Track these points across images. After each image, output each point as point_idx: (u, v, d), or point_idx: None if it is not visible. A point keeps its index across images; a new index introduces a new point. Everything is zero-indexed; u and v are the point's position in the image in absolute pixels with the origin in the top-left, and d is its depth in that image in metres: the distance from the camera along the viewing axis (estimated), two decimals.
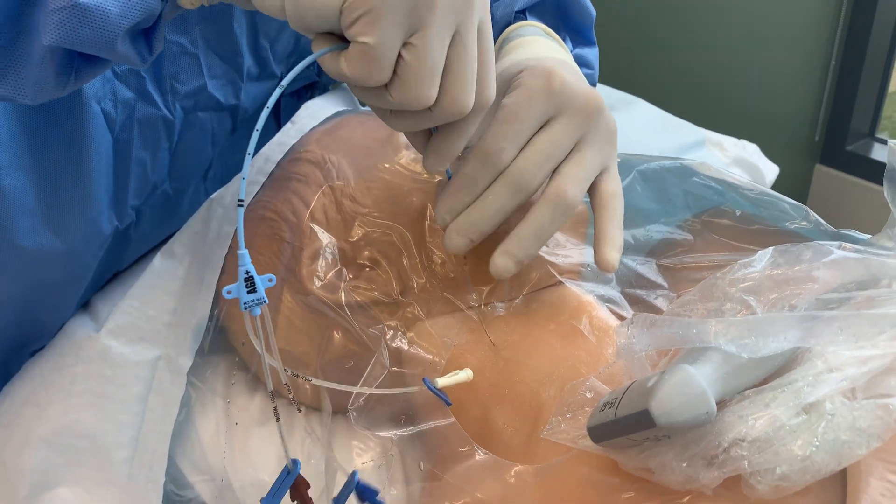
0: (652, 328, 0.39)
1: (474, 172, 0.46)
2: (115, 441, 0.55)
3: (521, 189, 0.46)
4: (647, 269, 0.56)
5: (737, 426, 0.36)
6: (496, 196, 0.46)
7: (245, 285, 0.38)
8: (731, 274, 0.42)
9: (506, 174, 0.46)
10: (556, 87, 0.46)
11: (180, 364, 0.55)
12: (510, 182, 0.46)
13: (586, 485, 0.42)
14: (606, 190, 0.49)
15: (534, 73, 0.47)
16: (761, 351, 0.37)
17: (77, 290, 0.58)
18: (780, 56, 1.82)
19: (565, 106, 0.46)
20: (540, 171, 0.46)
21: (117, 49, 0.37)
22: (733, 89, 1.78)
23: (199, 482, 0.55)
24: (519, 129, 0.46)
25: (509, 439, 0.48)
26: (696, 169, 0.62)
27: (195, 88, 0.57)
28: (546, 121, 0.47)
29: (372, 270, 0.52)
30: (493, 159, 0.46)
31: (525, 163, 0.46)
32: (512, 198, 0.46)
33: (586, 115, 0.47)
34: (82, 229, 0.52)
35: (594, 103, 0.47)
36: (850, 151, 1.97)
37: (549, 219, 0.46)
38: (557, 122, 0.47)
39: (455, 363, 0.51)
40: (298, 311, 0.52)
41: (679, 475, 0.37)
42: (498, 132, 0.46)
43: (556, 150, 0.46)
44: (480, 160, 0.46)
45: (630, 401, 0.37)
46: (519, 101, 0.46)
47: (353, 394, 0.50)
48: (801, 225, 0.57)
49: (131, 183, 0.55)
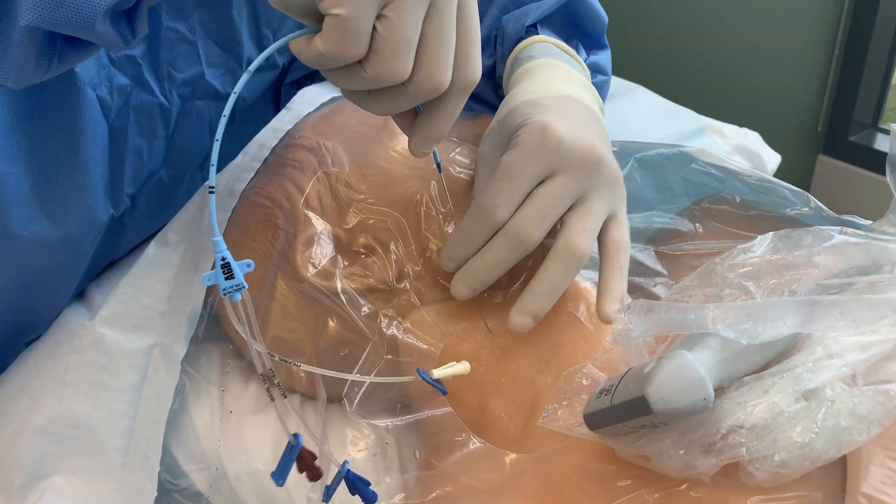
0: (649, 314, 0.39)
1: (471, 226, 0.48)
2: (110, 430, 0.54)
3: (519, 245, 0.47)
4: (645, 257, 0.55)
5: (735, 413, 0.36)
6: (494, 252, 0.47)
7: (222, 272, 0.38)
8: (730, 259, 0.41)
9: (504, 231, 0.47)
10: (551, 145, 0.47)
11: (174, 352, 0.54)
12: (508, 238, 0.47)
13: (583, 473, 0.42)
14: (612, 239, 0.49)
15: (530, 130, 0.47)
16: (760, 337, 0.36)
17: (73, 278, 0.57)
18: (783, 45, 1.80)
19: (562, 164, 0.47)
20: (538, 227, 0.47)
21: (97, 29, 0.37)
22: (735, 78, 1.77)
23: (194, 471, 0.55)
24: (514, 188, 0.46)
25: (505, 427, 0.48)
26: (695, 156, 0.62)
27: (192, 76, 0.56)
28: (545, 177, 0.47)
29: (367, 257, 0.52)
30: (489, 215, 0.47)
31: (522, 220, 0.47)
32: (510, 253, 0.47)
33: (585, 171, 0.47)
34: (78, 217, 0.52)
35: (593, 158, 0.47)
36: (852, 142, 1.95)
37: (563, 274, 0.47)
38: (557, 178, 0.47)
39: (451, 351, 0.50)
40: (293, 299, 0.52)
41: (676, 462, 0.37)
42: (494, 188, 0.47)
43: (555, 205, 0.47)
44: (477, 214, 0.47)
45: (627, 387, 0.37)
46: (515, 159, 0.47)
47: (348, 382, 0.49)
48: (801, 211, 0.56)
49: (127, 170, 0.55)
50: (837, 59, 1.88)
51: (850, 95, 1.89)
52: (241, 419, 0.54)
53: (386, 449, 0.51)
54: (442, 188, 0.52)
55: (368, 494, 0.44)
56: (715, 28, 1.68)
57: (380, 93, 0.41)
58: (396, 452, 0.52)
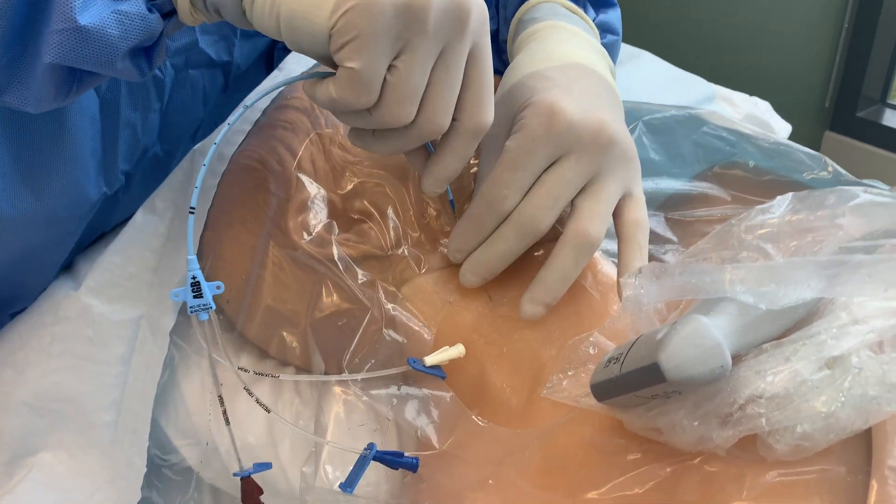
0: (661, 278, 0.36)
1: (480, 215, 0.46)
2: (98, 404, 0.53)
3: (528, 232, 0.45)
4: (655, 223, 0.53)
5: (754, 382, 0.33)
6: (504, 240, 0.46)
7: (192, 290, 0.40)
8: (748, 220, 0.38)
9: (513, 219, 0.45)
10: (560, 127, 0.44)
11: (163, 323, 0.53)
12: (517, 227, 0.45)
13: (589, 447, 0.40)
14: (629, 219, 0.47)
15: (536, 111, 0.45)
16: (781, 301, 0.34)
17: (61, 254, 0.55)
18: (791, 18, 1.77)
19: (572, 145, 0.44)
20: (549, 214, 0.45)
21: (117, 67, 0.39)
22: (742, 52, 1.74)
23: (185, 446, 0.53)
24: (521, 176, 0.45)
25: (507, 400, 0.46)
26: (706, 119, 0.59)
27: (186, 44, 0.55)
28: (554, 160, 0.45)
29: (363, 223, 0.49)
30: (497, 204, 0.45)
31: (531, 208, 0.45)
32: (520, 241, 0.46)
33: (596, 151, 0.45)
34: (66, 194, 0.50)
35: (605, 138, 0.45)
36: (860, 118, 1.93)
37: (573, 262, 0.45)
38: (566, 161, 0.45)
39: (451, 321, 0.48)
40: (286, 267, 0.49)
41: (690, 435, 0.35)
42: (500, 178, 0.45)
43: (565, 190, 0.45)
44: (485, 203, 0.46)
45: (637, 354, 0.34)
46: (521, 144, 0.45)
47: (346, 354, 0.47)
48: (818, 175, 0.53)
49: (121, 146, 0.53)
50: (846, 33, 1.85)
51: (859, 70, 1.87)
52: (233, 393, 0.51)
53: (387, 425, 0.49)
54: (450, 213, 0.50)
55: (408, 462, 0.44)
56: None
57: (384, 133, 0.42)
58: (396, 430, 0.50)
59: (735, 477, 0.34)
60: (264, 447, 0.50)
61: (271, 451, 0.50)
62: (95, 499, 0.54)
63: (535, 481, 0.40)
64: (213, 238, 0.52)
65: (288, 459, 0.49)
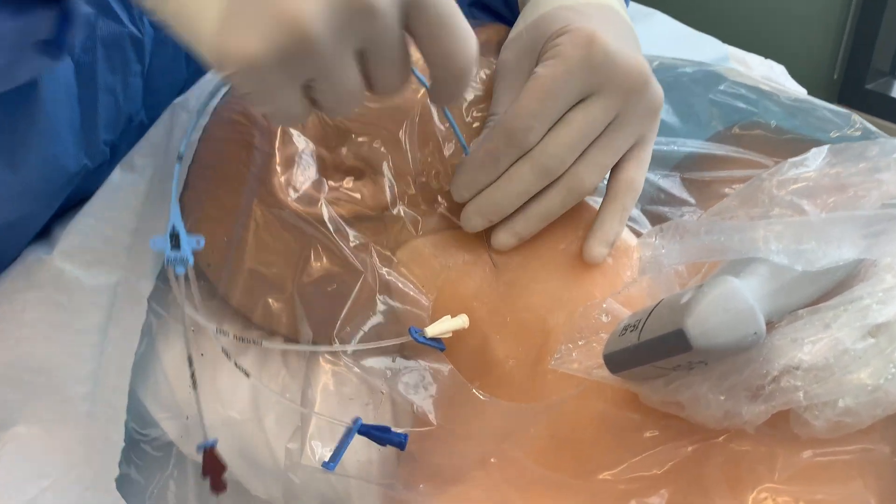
0: (685, 237, 0.33)
1: (497, 151, 0.42)
2: (73, 375, 0.50)
3: (548, 174, 0.42)
4: (671, 184, 0.49)
5: (789, 351, 0.30)
6: (520, 180, 0.42)
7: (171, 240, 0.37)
8: (780, 175, 0.35)
9: (534, 157, 0.42)
10: (598, 60, 0.40)
11: (140, 289, 0.49)
12: (538, 167, 0.42)
13: (601, 423, 0.36)
14: (624, 176, 0.44)
15: (575, 39, 0.41)
16: (819, 262, 0.30)
17: (37, 226, 0.52)
18: None
19: (606, 82, 0.41)
20: (571, 156, 0.42)
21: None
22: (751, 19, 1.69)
23: (165, 420, 0.50)
24: (551, 107, 0.41)
25: (511, 372, 0.42)
26: (724, 75, 0.55)
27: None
28: (584, 96, 0.41)
29: (356, 180, 0.45)
30: (519, 139, 0.41)
31: (557, 147, 0.41)
32: (537, 182, 0.42)
33: (628, 94, 0.42)
34: (41, 167, 0.47)
35: (641, 78, 0.42)
36: (869, 90, 1.91)
37: (560, 205, 0.43)
38: (596, 100, 0.41)
39: (450, 287, 0.45)
40: (271, 228, 0.46)
41: (716, 410, 0.31)
42: (527, 108, 0.41)
43: (591, 133, 0.42)
44: (505, 138, 0.41)
45: (659, 321, 0.31)
46: (555, 74, 0.41)
47: (337, 322, 0.44)
48: (846, 134, 0.50)
49: (101, 114, 0.49)
50: (856, 5, 1.82)
51: (868, 42, 1.85)
52: (215, 364, 0.48)
53: (380, 399, 0.46)
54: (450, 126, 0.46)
55: (395, 438, 0.40)
56: None
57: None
58: (391, 404, 0.46)
59: (765, 457, 0.31)
60: (248, 422, 0.47)
61: (256, 425, 0.47)
62: (71, 476, 0.51)
63: (540, 460, 0.37)
64: (193, 197, 0.48)
65: (274, 434, 0.46)
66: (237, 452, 0.48)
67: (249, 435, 0.47)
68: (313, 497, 0.45)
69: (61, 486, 0.50)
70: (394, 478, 0.43)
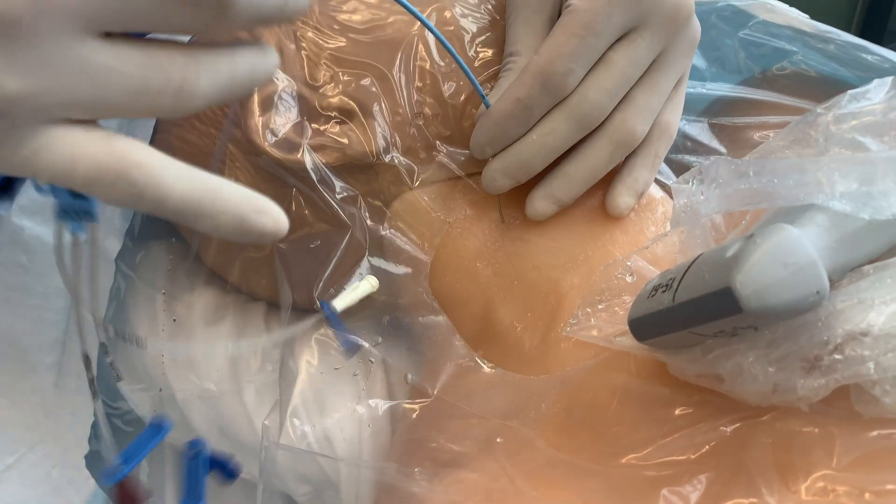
0: (728, 180, 0.28)
1: (531, 99, 0.36)
2: (37, 343, 0.47)
3: (587, 125, 0.37)
4: (698, 131, 0.44)
5: (855, 315, 0.25)
6: (556, 133, 0.37)
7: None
8: (838, 109, 0.30)
9: (570, 104, 0.36)
10: None
11: (106, 248, 0.45)
12: (575, 117, 0.36)
13: (624, 397, 0.32)
14: (658, 121, 0.39)
15: None
16: (891, 209, 0.25)
17: None
18: None
19: (650, 15, 0.36)
20: (613, 102, 0.37)
21: None
22: None
23: (136, 391, 0.46)
24: (593, 46, 0.36)
25: (519, 339, 0.37)
26: (754, 13, 0.49)
27: None
28: (624, 32, 0.36)
29: (342, 124, 0.40)
30: (557, 83, 0.36)
31: (597, 93, 0.36)
32: (574, 135, 0.37)
33: (672, 29, 0.37)
34: None
35: (685, 12, 0.37)
36: None
37: (608, 159, 0.38)
38: (639, 37, 0.37)
39: (451, 245, 0.40)
40: (248, 177, 0.41)
41: (763, 384, 0.26)
42: (564, 48, 0.35)
43: (633, 74, 0.37)
44: (540, 83, 0.36)
45: (698, 278, 0.26)
46: (595, 6, 0.35)
47: (319, 283, 0.39)
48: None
49: None
50: None
51: (886, 2, 1.77)
52: (189, 331, 0.44)
53: (370, 368, 0.41)
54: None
55: (228, 472, 0.36)
56: None
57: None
58: (383, 374, 0.42)
59: (821, 439, 0.26)
60: (227, 395, 0.43)
61: (235, 398, 0.43)
62: (37, 452, 0.48)
63: (553, 441, 0.32)
64: (162, 141, 0.44)
65: (254, 408, 0.42)
66: (216, 429, 0.44)
67: (228, 409, 0.43)
68: (297, 479, 0.41)
69: (27, 464, 0.47)
70: (387, 455, 0.39)
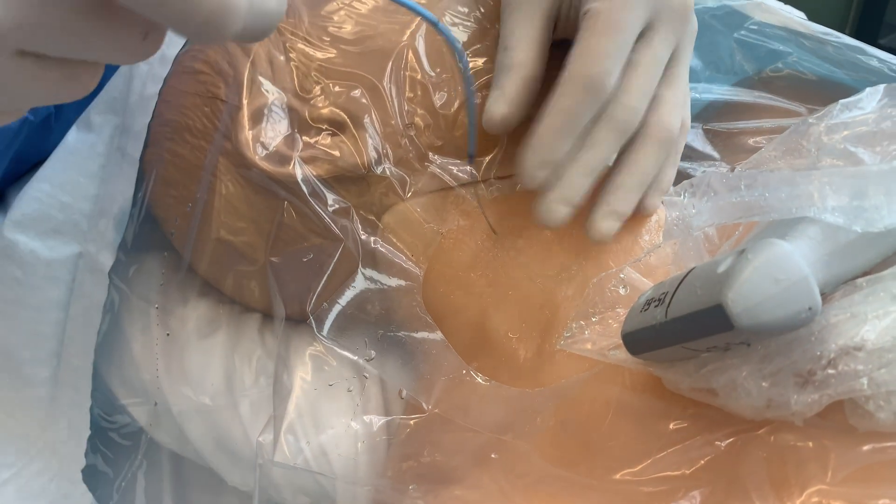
0: (719, 193, 0.27)
1: (578, 106, 0.34)
2: (33, 357, 0.47)
3: (627, 130, 0.35)
4: (692, 136, 0.44)
5: (849, 329, 0.25)
6: (601, 146, 0.35)
7: None
8: (830, 119, 0.30)
9: (609, 114, 0.35)
10: None
11: (101, 262, 0.45)
12: (617, 124, 0.35)
13: (619, 411, 0.31)
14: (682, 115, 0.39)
15: None
16: (882, 221, 0.25)
17: None
18: None
19: (664, 11, 0.36)
20: (646, 104, 0.36)
21: None
22: None
23: (133, 405, 0.46)
24: (624, 43, 0.34)
25: (514, 352, 0.37)
26: (750, 13, 0.49)
27: None
28: (642, 30, 0.36)
29: (334, 135, 0.40)
30: (599, 85, 0.34)
31: (633, 97, 0.35)
32: (618, 144, 0.36)
33: (681, 21, 0.37)
34: None
35: (690, 3, 0.37)
36: (883, 45, 1.83)
37: (655, 161, 0.36)
38: (655, 34, 0.36)
39: (444, 257, 0.40)
40: (239, 190, 0.40)
41: (757, 399, 0.26)
42: (598, 49, 0.34)
43: (658, 72, 0.36)
44: (582, 88, 0.34)
45: (690, 294, 0.26)
46: (615, 6, 0.34)
47: (312, 297, 0.39)
48: None
49: None
50: None
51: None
52: (183, 344, 0.44)
53: (364, 384, 0.41)
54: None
55: None
56: None
57: None
58: (379, 389, 0.42)
59: (816, 453, 0.26)
60: (223, 409, 0.42)
61: (231, 412, 0.42)
62: (33, 468, 0.48)
63: (548, 455, 0.32)
64: (153, 156, 0.43)
65: (249, 422, 0.42)
66: (213, 442, 0.44)
67: (224, 423, 0.43)
68: (295, 491, 0.41)
69: (23, 478, 0.47)
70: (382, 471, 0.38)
